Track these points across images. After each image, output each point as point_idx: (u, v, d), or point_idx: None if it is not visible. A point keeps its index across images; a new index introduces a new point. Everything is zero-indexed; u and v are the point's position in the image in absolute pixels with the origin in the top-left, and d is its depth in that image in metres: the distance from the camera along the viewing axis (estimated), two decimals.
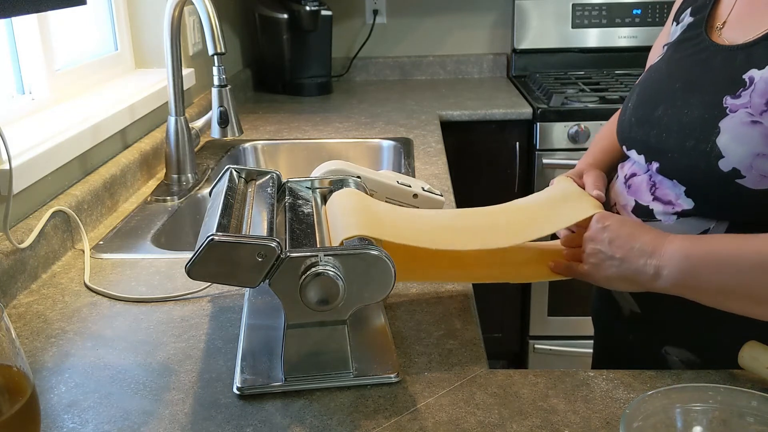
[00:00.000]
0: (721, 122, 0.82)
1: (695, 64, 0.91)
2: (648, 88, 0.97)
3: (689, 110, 0.87)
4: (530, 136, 2.20)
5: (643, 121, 0.94)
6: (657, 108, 0.92)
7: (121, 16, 1.82)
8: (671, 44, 0.98)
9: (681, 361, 0.92)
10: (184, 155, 1.52)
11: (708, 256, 0.80)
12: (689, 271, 0.80)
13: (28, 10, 0.75)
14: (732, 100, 0.82)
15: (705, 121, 0.84)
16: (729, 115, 0.82)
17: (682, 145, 0.86)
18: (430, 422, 0.74)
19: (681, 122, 0.87)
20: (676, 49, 0.96)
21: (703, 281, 0.80)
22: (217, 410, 0.77)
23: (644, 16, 2.59)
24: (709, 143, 0.82)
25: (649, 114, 0.93)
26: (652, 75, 0.98)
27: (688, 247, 0.80)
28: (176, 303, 1.01)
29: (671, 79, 0.93)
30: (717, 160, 0.82)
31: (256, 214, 0.86)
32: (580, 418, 0.74)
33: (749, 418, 0.64)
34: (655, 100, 0.93)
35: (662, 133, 0.90)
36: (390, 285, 0.75)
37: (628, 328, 1.00)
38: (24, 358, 0.63)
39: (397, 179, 1.05)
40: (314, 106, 2.33)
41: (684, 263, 0.80)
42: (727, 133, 0.81)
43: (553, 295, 2.29)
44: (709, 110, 0.84)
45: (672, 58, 0.96)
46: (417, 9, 2.74)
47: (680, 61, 0.94)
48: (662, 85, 0.94)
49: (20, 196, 1.11)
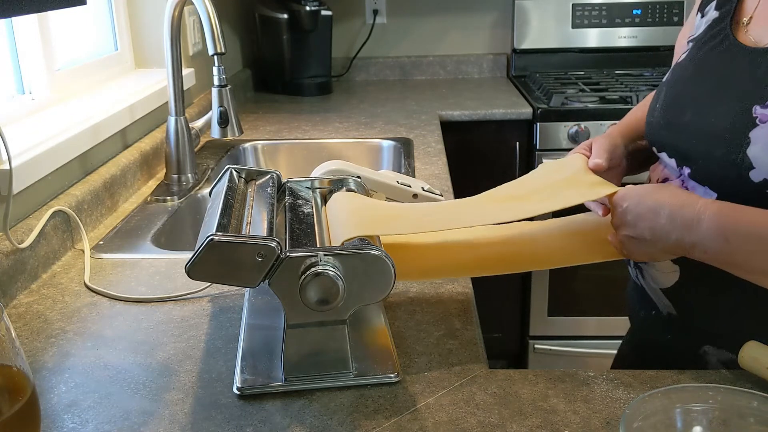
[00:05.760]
0: (751, 133, 0.81)
1: (721, 66, 0.89)
2: (675, 90, 0.95)
3: (716, 119, 0.85)
4: (530, 136, 2.20)
5: (671, 124, 0.92)
6: (684, 113, 0.90)
7: (121, 16, 1.82)
8: (696, 40, 0.96)
9: (720, 362, 0.91)
10: (184, 155, 1.52)
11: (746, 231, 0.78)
12: (728, 252, 0.79)
13: (29, 10, 0.75)
14: (762, 110, 0.81)
15: (734, 131, 0.82)
16: (759, 126, 0.80)
17: (711, 153, 0.85)
18: (430, 422, 0.74)
19: (709, 130, 0.86)
20: (701, 48, 0.94)
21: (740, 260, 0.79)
22: (217, 410, 0.77)
23: (644, 16, 2.59)
24: (740, 154, 0.81)
25: (677, 118, 0.91)
26: (678, 75, 0.96)
27: (727, 230, 0.78)
28: (176, 303, 1.01)
29: (697, 81, 0.92)
30: (748, 171, 0.80)
31: (256, 214, 0.86)
32: (580, 418, 0.74)
33: (749, 418, 0.64)
34: (682, 103, 0.92)
35: (692, 139, 0.88)
36: (390, 285, 0.75)
37: (665, 328, 0.99)
38: (24, 358, 0.63)
39: (397, 179, 1.05)
40: (314, 106, 2.33)
41: (723, 245, 0.78)
42: (758, 144, 0.80)
43: (553, 295, 2.29)
44: (738, 119, 0.82)
45: (697, 57, 0.94)
46: (417, 9, 2.74)
47: (705, 61, 0.92)
48: (688, 88, 0.93)
49: (20, 196, 1.11)
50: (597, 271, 2.24)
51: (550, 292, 2.28)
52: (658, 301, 0.98)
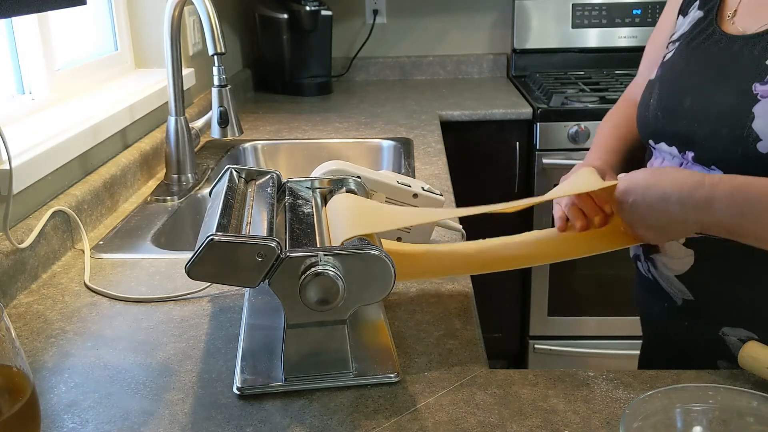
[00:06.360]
0: (754, 108, 0.83)
1: (715, 54, 0.92)
2: (670, 82, 0.97)
3: (719, 99, 0.88)
4: (530, 136, 2.20)
5: (670, 113, 0.94)
6: (684, 100, 0.92)
7: (121, 16, 1.82)
8: (683, 38, 0.99)
9: (740, 340, 0.92)
10: (184, 155, 1.52)
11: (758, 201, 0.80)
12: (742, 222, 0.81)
13: (29, 10, 0.75)
14: (762, 87, 0.84)
15: (737, 109, 0.85)
16: (761, 101, 0.83)
17: (716, 132, 0.87)
18: (430, 422, 0.74)
19: (712, 111, 0.88)
20: (689, 44, 0.97)
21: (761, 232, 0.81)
22: (217, 410, 0.77)
23: (644, 16, 2.59)
24: (745, 129, 0.84)
25: (676, 106, 0.93)
26: (670, 69, 0.98)
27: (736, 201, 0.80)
28: (176, 303, 1.01)
29: (693, 71, 0.94)
30: (755, 143, 0.83)
31: (256, 214, 0.86)
32: (580, 418, 0.74)
33: (749, 418, 0.64)
34: (680, 92, 0.94)
35: (693, 123, 0.90)
36: (390, 285, 0.75)
37: (681, 316, 0.99)
38: (24, 358, 0.63)
39: (397, 179, 1.05)
40: (314, 106, 2.33)
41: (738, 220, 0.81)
42: (762, 118, 0.83)
43: (553, 295, 2.29)
44: (740, 98, 0.85)
45: (687, 52, 0.96)
46: (417, 9, 2.74)
47: (698, 53, 0.95)
48: (685, 77, 0.95)
49: (20, 196, 1.11)
50: (597, 270, 2.24)
51: (550, 292, 2.28)
52: (672, 289, 0.98)
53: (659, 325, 1.07)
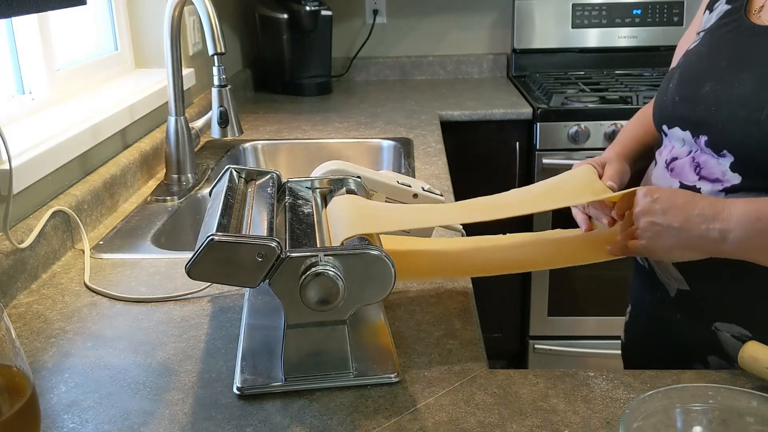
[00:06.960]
0: None
1: (739, 43, 0.92)
2: (690, 69, 0.97)
3: (740, 84, 0.88)
4: (530, 136, 2.20)
5: (688, 98, 0.94)
6: (703, 85, 0.92)
7: (121, 16, 1.82)
8: (708, 30, 0.99)
9: (733, 336, 0.92)
10: (184, 155, 1.52)
11: None
12: (759, 233, 0.80)
13: (29, 10, 0.75)
14: None
15: (758, 93, 0.85)
16: None
17: (733, 116, 0.87)
18: (430, 422, 0.74)
19: (731, 95, 0.88)
20: (713, 34, 0.97)
21: None
22: (217, 410, 0.77)
23: (644, 16, 2.59)
24: (764, 111, 0.83)
25: (694, 91, 0.93)
26: (692, 57, 0.99)
27: (758, 209, 0.81)
28: (176, 303, 1.01)
29: (715, 58, 0.94)
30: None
31: (256, 214, 0.86)
32: (580, 418, 0.74)
33: (749, 418, 0.64)
34: (699, 78, 0.94)
35: (711, 107, 0.90)
36: (390, 285, 0.75)
37: (674, 308, 0.99)
38: (24, 358, 0.63)
39: (397, 179, 1.05)
40: (314, 106, 2.33)
41: (754, 225, 0.80)
42: None
43: (553, 295, 2.29)
44: (761, 83, 0.85)
45: (712, 41, 0.97)
46: (417, 9, 2.74)
47: (722, 41, 0.95)
48: (705, 64, 0.95)
49: (20, 196, 1.11)
50: (597, 271, 2.24)
51: (550, 292, 2.28)
52: (667, 278, 0.98)
53: (651, 314, 1.07)
